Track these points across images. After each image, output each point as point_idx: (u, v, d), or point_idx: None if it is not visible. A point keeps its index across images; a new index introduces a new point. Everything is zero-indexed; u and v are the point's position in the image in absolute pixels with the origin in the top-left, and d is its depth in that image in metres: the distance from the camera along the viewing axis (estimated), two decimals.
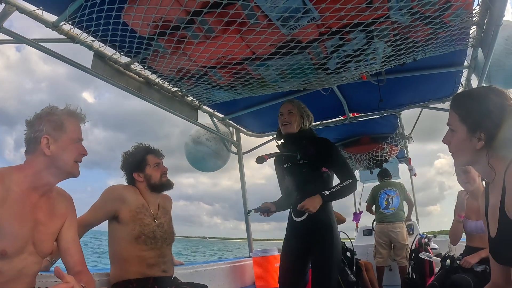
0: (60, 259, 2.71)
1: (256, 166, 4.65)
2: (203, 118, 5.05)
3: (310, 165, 3.58)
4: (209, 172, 6.03)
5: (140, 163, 3.27)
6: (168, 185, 3.34)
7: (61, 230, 2.31)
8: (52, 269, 2.89)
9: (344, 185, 3.45)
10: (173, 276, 3.28)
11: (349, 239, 6.15)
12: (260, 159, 3.59)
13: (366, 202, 7.71)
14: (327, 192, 3.40)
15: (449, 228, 3.96)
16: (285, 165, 3.68)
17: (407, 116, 6.26)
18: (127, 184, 3.33)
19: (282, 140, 3.81)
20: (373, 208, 7.55)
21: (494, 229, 1.74)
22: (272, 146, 6.09)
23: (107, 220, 3.14)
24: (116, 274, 3.07)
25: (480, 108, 1.77)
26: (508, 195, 1.58)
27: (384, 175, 7.58)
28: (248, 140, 6.26)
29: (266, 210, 3.58)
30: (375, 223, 7.43)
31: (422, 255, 4.78)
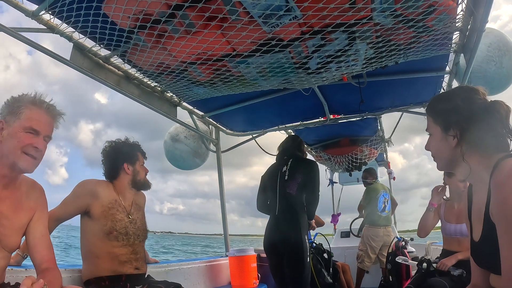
0: None
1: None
2: (183, 116, 5.00)
3: None
4: (192, 170, 5.99)
5: (132, 156, 3.28)
6: (149, 185, 3.38)
7: (29, 225, 2.19)
8: (24, 263, 2.84)
9: None
10: (147, 274, 3.23)
11: (326, 239, 6.16)
12: None
13: (361, 203, 7.56)
14: None
15: None
16: None
17: (393, 120, 6.25)
18: (104, 174, 3.28)
19: None
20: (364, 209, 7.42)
21: (478, 233, 1.71)
22: (253, 145, 6.08)
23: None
24: (88, 271, 3.00)
25: (448, 105, 1.81)
26: (493, 199, 1.56)
27: (374, 176, 7.50)
28: (227, 139, 6.22)
29: None
30: (366, 225, 7.30)
31: (399, 259, 4.79)
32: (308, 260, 3.98)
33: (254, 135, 6.08)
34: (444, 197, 3.97)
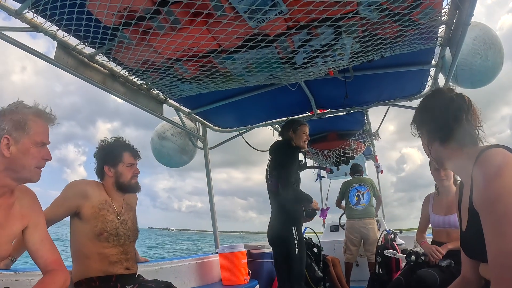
0: (20, 256, 2.64)
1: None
2: (169, 113, 4.99)
3: None
4: (178, 168, 5.96)
5: (114, 158, 3.16)
6: (135, 188, 3.27)
7: (26, 232, 2.18)
8: (12, 267, 2.80)
9: None
10: (137, 273, 3.21)
11: (315, 234, 6.18)
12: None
13: (337, 197, 7.69)
14: None
15: None
16: (298, 170, 4.32)
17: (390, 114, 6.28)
18: (96, 173, 3.23)
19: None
20: (343, 203, 7.57)
21: (465, 223, 1.78)
22: (240, 141, 6.07)
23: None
24: (78, 272, 2.97)
25: (425, 116, 1.98)
26: (475, 188, 1.62)
27: (355, 171, 7.57)
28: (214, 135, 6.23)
29: None
30: (345, 219, 7.43)
31: (387, 252, 4.81)
32: (297, 251, 3.95)
33: (241, 131, 6.06)
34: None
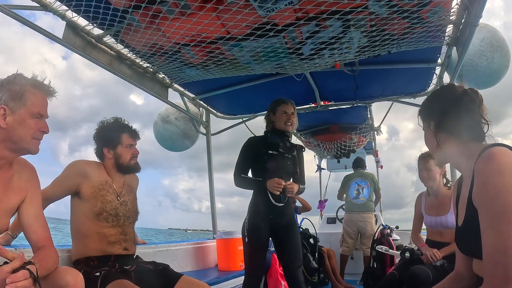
0: (22, 232, 2.64)
1: (307, 159, 4.70)
2: (174, 98, 5.00)
3: (292, 160, 3.90)
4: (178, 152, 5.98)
5: (113, 140, 3.15)
6: (136, 168, 3.26)
7: (22, 206, 2.15)
8: (13, 243, 2.82)
9: (302, 187, 3.90)
10: (135, 254, 3.23)
11: (312, 224, 6.22)
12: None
13: (338, 190, 7.70)
14: (301, 186, 3.86)
15: None
16: (269, 151, 3.80)
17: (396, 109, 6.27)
18: (95, 154, 3.22)
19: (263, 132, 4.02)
20: (344, 196, 7.57)
21: (462, 218, 1.78)
22: (243, 128, 6.08)
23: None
24: (77, 251, 2.98)
25: (429, 104, 1.98)
26: (476, 184, 1.62)
27: (357, 165, 7.55)
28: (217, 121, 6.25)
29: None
30: (344, 212, 7.44)
31: (379, 248, 4.82)
32: (246, 240, 3.79)
33: (244, 119, 6.08)
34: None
